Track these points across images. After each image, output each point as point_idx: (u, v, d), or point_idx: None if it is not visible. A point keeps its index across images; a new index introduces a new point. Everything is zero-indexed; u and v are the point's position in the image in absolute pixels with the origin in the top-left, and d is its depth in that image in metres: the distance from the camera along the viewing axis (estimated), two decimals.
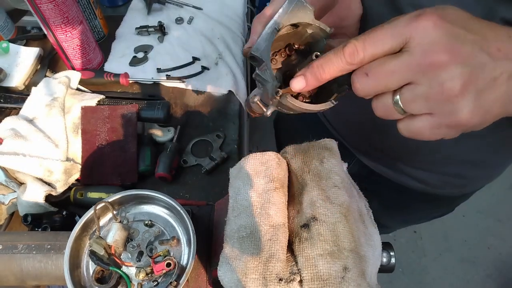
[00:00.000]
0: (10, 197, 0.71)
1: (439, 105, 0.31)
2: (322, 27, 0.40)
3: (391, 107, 0.34)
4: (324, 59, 0.36)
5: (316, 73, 0.37)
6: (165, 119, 0.78)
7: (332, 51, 0.35)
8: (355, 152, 0.82)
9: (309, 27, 0.41)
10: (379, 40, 0.32)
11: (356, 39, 0.33)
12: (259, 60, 0.40)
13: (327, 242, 0.41)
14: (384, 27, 0.32)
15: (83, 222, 0.50)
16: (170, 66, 0.95)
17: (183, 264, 0.49)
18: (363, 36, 0.33)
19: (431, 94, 0.31)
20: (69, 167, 0.72)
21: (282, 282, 0.39)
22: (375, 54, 0.33)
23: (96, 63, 0.94)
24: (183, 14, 1.08)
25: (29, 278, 0.51)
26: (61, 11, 0.78)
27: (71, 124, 0.76)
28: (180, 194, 0.76)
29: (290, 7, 0.38)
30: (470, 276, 1.85)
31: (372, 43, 0.32)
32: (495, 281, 1.84)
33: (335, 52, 0.35)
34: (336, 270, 0.39)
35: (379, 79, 0.33)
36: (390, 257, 0.48)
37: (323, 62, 0.36)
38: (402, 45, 0.32)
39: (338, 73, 0.36)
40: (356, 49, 0.33)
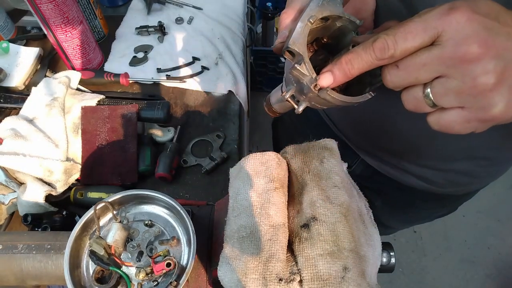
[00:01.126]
0: (10, 197, 0.71)
1: (472, 100, 0.31)
2: (352, 19, 0.40)
3: (421, 100, 0.34)
4: (353, 54, 0.35)
5: (344, 68, 0.36)
6: (165, 119, 0.78)
7: (361, 46, 0.35)
8: (359, 152, 0.81)
9: (338, 20, 0.41)
10: (410, 35, 0.31)
11: (386, 34, 0.32)
12: (296, 54, 0.39)
13: (327, 242, 0.41)
14: (415, 21, 0.31)
15: (83, 222, 0.50)
16: (170, 66, 0.95)
17: (183, 264, 0.49)
18: (393, 30, 0.32)
19: (463, 88, 0.31)
20: (69, 167, 0.72)
21: (282, 282, 0.39)
22: (407, 49, 0.32)
23: (96, 63, 0.94)
24: (183, 14, 1.08)
25: (29, 278, 0.51)
26: (61, 11, 0.78)
27: (71, 124, 0.76)
28: (180, 194, 0.76)
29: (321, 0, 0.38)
30: (470, 276, 1.85)
31: (403, 38, 0.32)
32: (495, 281, 1.84)
33: (364, 47, 0.34)
34: (336, 270, 0.39)
35: (410, 72, 0.33)
36: (390, 257, 0.48)
37: (352, 58, 0.35)
38: (434, 38, 0.31)
39: (367, 69, 0.35)
40: (387, 44, 0.32)
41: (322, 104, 0.42)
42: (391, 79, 0.34)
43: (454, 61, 0.30)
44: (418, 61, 0.32)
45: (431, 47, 0.31)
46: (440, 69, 0.31)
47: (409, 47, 0.32)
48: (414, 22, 0.31)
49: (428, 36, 0.31)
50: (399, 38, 0.32)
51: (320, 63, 0.45)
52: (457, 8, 0.30)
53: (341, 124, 0.82)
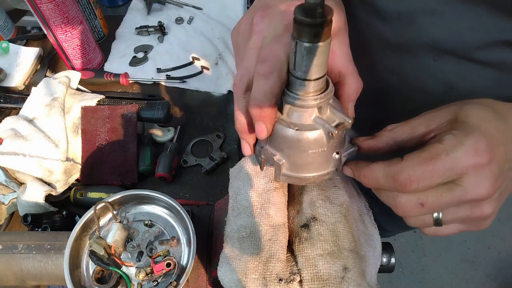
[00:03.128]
0: (10, 197, 0.71)
1: (473, 222, 0.36)
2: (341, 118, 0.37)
3: (430, 221, 0.36)
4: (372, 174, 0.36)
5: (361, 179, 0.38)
6: (165, 119, 0.78)
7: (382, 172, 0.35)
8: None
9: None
10: (436, 174, 0.32)
11: (412, 169, 0.33)
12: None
13: (327, 242, 0.41)
14: (443, 159, 0.32)
15: (83, 222, 0.50)
16: (170, 66, 0.95)
17: (183, 264, 0.49)
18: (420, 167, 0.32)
19: (470, 216, 0.34)
20: (69, 167, 0.72)
21: (282, 282, 0.39)
22: (429, 186, 0.33)
23: (96, 63, 0.94)
24: (183, 14, 1.08)
25: (29, 278, 0.51)
26: (61, 11, 0.78)
27: (71, 124, 0.76)
28: (180, 194, 0.76)
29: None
30: (470, 276, 1.85)
31: (429, 177, 0.32)
32: (494, 281, 1.84)
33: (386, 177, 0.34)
34: (336, 270, 0.39)
35: (432, 210, 0.34)
36: (390, 257, 0.48)
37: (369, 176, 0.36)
38: (455, 178, 0.33)
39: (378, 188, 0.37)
40: (410, 180, 0.33)
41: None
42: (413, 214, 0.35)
43: (472, 200, 0.33)
44: (442, 202, 0.33)
45: (453, 187, 0.33)
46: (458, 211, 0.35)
47: (433, 185, 0.33)
48: (442, 161, 0.32)
49: (452, 176, 0.32)
50: (426, 177, 0.32)
51: None
52: (481, 152, 0.32)
53: None
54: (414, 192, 0.34)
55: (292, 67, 0.32)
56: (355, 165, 0.38)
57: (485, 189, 0.32)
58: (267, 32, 0.35)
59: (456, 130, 0.33)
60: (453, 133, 0.33)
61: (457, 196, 0.33)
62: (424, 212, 0.34)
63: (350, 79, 0.39)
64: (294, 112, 0.35)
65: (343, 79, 0.39)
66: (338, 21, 0.38)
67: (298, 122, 0.35)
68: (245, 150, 0.41)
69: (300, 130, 0.35)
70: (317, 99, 0.33)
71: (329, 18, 0.27)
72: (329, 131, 0.34)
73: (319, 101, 0.33)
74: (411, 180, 0.32)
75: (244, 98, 0.37)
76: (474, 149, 0.32)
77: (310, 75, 0.31)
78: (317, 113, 0.35)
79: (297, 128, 0.35)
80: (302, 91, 0.33)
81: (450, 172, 0.32)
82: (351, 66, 0.39)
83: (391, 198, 0.36)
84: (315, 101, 0.33)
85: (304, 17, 0.27)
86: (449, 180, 0.33)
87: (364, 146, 0.39)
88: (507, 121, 0.35)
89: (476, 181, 0.32)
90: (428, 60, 0.50)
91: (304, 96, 0.33)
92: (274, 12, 0.36)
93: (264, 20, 0.36)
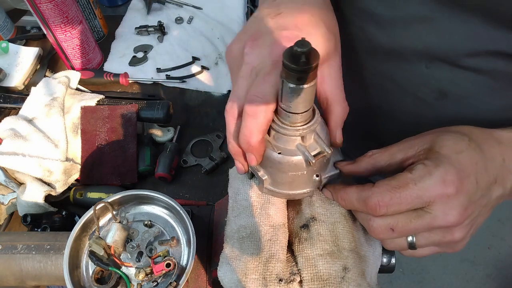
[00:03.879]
0: (9, 197, 0.70)
1: (446, 245, 0.38)
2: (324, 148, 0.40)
3: (404, 244, 0.38)
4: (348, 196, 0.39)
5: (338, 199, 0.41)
6: (165, 119, 0.78)
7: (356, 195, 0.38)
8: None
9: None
10: (405, 202, 0.34)
11: (381, 195, 0.35)
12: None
13: (327, 242, 0.41)
14: (411, 188, 0.34)
15: (83, 222, 0.50)
16: (170, 66, 0.95)
17: (182, 264, 0.49)
18: (389, 194, 0.35)
19: (443, 241, 0.37)
20: (68, 167, 0.72)
21: (282, 282, 0.39)
22: (398, 211, 0.36)
23: (95, 63, 0.94)
24: (183, 14, 1.08)
25: (28, 278, 0.51)
26: (60, 10, 0.78)
27: (71, 124, 0.76)
28: (180, 194, 0.76)
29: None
30: (470, 276, 1.85)
31: (397, 204, 0.35)
32: (495, 281, 1.84)
33: (359, 200, 0.37)
34: (336, 270, 0.39)
35: (402, 234, 0.37)
36: (390, 257, 0.48)
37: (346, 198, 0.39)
38: (424, 205, 0.35)
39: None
40: (379, 205, 0.35)
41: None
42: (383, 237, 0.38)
43: (441, 227, 0.36)
44: (412, 227, 0.36)
45: (423, 214, 0.35)
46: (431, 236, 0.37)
47: (402, 210, 0.35)
48: (410, 189, 0.34)
49: (420, 203, 0.35)
50: (394, 203, 0.35)
51: None
52: (449, 183, 0.34)
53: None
54: (384, 217, 0.36)
55: (280, 99, 0.34)
56: (333, 188, 0.42)
57: (453, 217, 0.34)
58: (256, 63, 0.38)
59: (428, 160, 0.35)
60: (424, 163, 0.35)
61: (427, 222, 0.35)
62: (395, 236, 0.37)
63: (336, 107, 0.41)
64: (279, 137, 0.38)
65: (330, 106, 0.41)
66: (328, 47, 0.39)
67: (282, 146, 0.38)
68: (239, 169, 0.43)
69: (283, 154, 0.38)
70: (300, 129, 0.36)
71: (314, 65, 0.29)
72: (307, 159, 0.37)
73: (302, 131, 0.36)
74: (380, 205, 0.35)
75: (235, 124, 0.39)
76: (442, 180, 0.34)
77: (295, 109, 0.34)
78: (300, 140, 0.38)
79: (279, 152, 0.38)
80: (288, 121, 0.36)
81: (418, 200, 0.34)
82: (339, 93, 0.41)
83: (365, 221, 0.39)
84: (298, 131, 0.36)
85: (290, 63, 0.29)
86: (418, 207, 0.35)
87: (345, 170, 0.42)
88: (483, 150, 0.37)
89: (444, 210, 0.34)
90: (421, 67, 0.50)
91: (289, 126, 0.36)
92: (263, 43, 0.38)
93: (254, 52, 0.38)
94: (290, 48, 0.29)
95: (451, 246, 0.38)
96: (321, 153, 0.38)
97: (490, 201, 0.38)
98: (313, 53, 0.29)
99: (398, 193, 0.34)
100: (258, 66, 0.37)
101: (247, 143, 0.37)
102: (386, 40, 0.51)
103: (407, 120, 0.59)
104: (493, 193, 0.38)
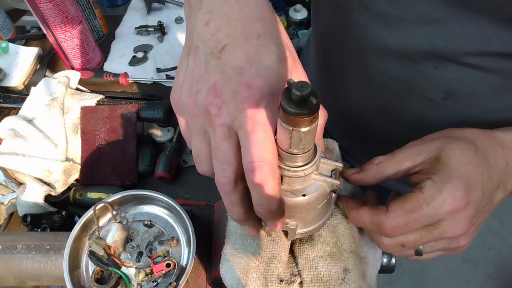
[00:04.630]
0: (9, 197, 0.70)
1: (452, 250, 0.40)
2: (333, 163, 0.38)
3: (411, 253, 0.40)
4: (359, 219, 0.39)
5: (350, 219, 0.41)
6: (165, 119, 0.78)
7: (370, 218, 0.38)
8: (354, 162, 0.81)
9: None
10: (418, 223, 0.35)
11: (396, 220, 0.35)
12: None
13: (327, 243, 0.41)
14: (424, 209, 0.35)
15: (83, 222, 0.50)
16: (169, 66, 0.95)
17: (182, 264, 0.49)
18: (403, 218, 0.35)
19: (448, 248, 0.39)
20: (68, 167, 0.72)
21: (283, 283, 0.39)
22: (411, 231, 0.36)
23: (95, 62, 0.94)
24: (183, 14, 1.08)
25: (28, 279, 0.51)
26: (60, 10, 0.78)
27: (71, 124, 0.76)
28: (180, 194, 0.76)
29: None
30: (470, 276, 1.85)
31: (412, 226, 0.35)
32: (495, 281, 1.84)
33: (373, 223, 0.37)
34: (336, 271, 0.39)
35: (411, 248, 0.38)
36: (390, 257, 0.48)
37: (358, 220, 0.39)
38: (435, 222, 0.36)
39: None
40: (395, 230, 0.36)
41: None
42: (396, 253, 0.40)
43: (449, 239, 0.37)
44: (422, 242, 0.37)
45: (432, 229, 0.36)
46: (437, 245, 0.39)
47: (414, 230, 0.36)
48: (423, 211, 0.35)
49: (432, 222, 0.35)
50: (409, 226, 0.35)
51: None
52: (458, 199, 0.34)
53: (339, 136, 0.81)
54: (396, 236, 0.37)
55: (288, 147, 0.31)
56: (346, 204, 0.41)
57: (461, 229, 0.36)
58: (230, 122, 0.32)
59: (436, 175, 0.35)
60: (433, 179, 0.35)
61: (435, 236, 0.36)
62: (404, 250, 0.38)
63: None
64: (294, 181, 0.35)
65: None
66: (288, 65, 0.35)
67: (301, 187, 0.36)
68: (251, 233, 0.39)
69: (307, 194, 0.36)
70: (316, 163, 0.34)
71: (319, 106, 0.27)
72: (332, 184, 0.36)
73: (317, 163, 0.34)
74: (395, 230, 0.35)
75: (235, 191, 0.34)
76: (452, 196, 0.34)
77: (306, 149, 0.32)
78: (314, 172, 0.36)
79: (303, 194, 0.36)
80: (300, 162, 0.33)
81: (431, 219, 0.35)
82: None
83: (376, 237, 0.39)
84: (315, 165, 0.34)
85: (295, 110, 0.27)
86: (428, 224, 0.36)
87: (353, 179, 0.41)
88: (488, 157, 0.37)
89: (453, 224, 0.35)
90: (429, 67, 0.50)
91: (304, 165, 0.33)
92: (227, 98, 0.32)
93: (222, 111, 0.32)
94: (288, 93, 0.27)
95: (455, 251, 0.40)
96: (335, 170, 0.37)
97: (493, 205, 0.39)
98: (314, 93, 0.27)
99: (413, 217, 0.35)
100: (235, 126, 0.32)
101: (268, 212, 0.33)
102: (394, 41, 0.51)
103: (414, 120, 0.59)
104: (496, 197, 0.39)
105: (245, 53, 0.33)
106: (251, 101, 0.31)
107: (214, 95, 0.33)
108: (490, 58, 0.45)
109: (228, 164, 0.33)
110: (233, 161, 0.33)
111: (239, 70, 0.32)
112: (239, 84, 0.32)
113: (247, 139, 0.31)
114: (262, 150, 0.31)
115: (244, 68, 0.32)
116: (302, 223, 0.39)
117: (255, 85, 0.32)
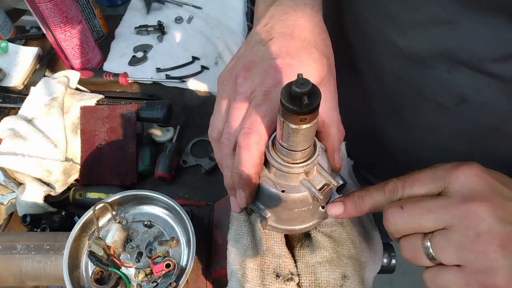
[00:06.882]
0: (9, 197, 0.70)
1: (473, 258, 0.30)
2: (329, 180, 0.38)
3: (420, 249, 0.33)
4: (365, 192, 0.37)
5: (356, 202, 0.38)
6: (165, 119, 0.78)
7: (374, 187, 0.37)
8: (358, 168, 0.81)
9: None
10: (418, 182, 0.34)
11: (397, 179, 0.35)
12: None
13: (326, 249, 0.41)
14: (425, 171, 0.34)
15: (82, 222, 0.50)
16: (169, 66, 0.95)
17: (182, 265, 0.49)
18: (404, 176, 0.35)
19: (465, 243, 0.30)
20: (68, 167, 0.72)
21: (279, 278, 0.39)
22: (414, 194, 0.34)
23: (95, 62, 0.94)
24: (182, 14, 1.08)
25: (28, 279, 0.51)
26: (60, 10, 0.78)
27: (70, 124, 0.76)
28: (180, 195, 0.76)
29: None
30: None
31: (411, 184, 0.34)
32: None
33: (376, 188, 0.37)
34: (335, 278, 0.39)
35: (414, 215, 0.32)
36: (391, 258, 0.48)
37: (364, 194, 0.37)
38: (441, 189, 0.33)
39: (376, 208, 0.37)
40: (396, 187, 0.35)
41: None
42: (394, 220, 0.33)
43: (460, 213, 0.30)
44: (424, 205, 0.32)
45: (438, 196, 0.33)
46: (445, 219, 0.31)
47: (416, 193, 0.34)
48: (424, 172, 0.34)
49: (435, 186, 0.33)
50: (408, 183, 0.34)
51: None
52: (466, 164, 0.32)
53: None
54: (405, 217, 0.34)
55: (280, 138, 0.32)
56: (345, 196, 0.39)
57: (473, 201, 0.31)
58: (249, 93, 0.37)
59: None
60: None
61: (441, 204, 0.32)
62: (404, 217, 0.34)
63: (333, 129, 0.40)
64: (281, 174, 0.36)
65: (327, 129, 0.40)
66: (321, 71, 0.38)
67: (284, 183, 0.36)
68: (234, 207, 0.41)
69: (287, 192, 0.36)
70: (303, 166, 0.34)
71: (316, 106, 0.27)
72: (314, 196, 0.35)
73: (305, 168, 0.34)
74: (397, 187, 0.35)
75: (232, 156, 0.38)
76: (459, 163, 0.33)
77: (297, 148, 0.32)
78: (304, 175, 0.36)
79: (283, 190, 0.36)
80: (289, 158, 0.34)
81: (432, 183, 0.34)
82: (335, 116, 0.40)
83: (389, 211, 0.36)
84: (301, 168, 0.34)
85: (290, 104, 0.27)
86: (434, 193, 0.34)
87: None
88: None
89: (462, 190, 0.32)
90: (442, 72, 0.49)
91: (292, 163, 0.34)
92: (255, 73, 0.38)
93: (247, 82, 0.38)
94: (288, 88, 0.27)
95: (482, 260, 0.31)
96: (326, 185, 0.37)
97: None
98: (314, 92, 0.27)
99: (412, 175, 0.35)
100: (251, 96, 0.37)
101: (238, 176, 0.36)
102: (406, 44, 0.49)
103: (425, 127, 0.58)
104: None
105: (287, 46, 0.38)
106: (274, 81, 0.36)
107: (246, 69, 0.38)
108: (505, 64, 0.43)
109: (233, 129, 0.38)
110: (238, 128, 0.37)
111: (275, 55, 0.37)
112: (270, 66, 0.37)
113: (253, 109, 0.36)
114: (259, 121, 0.35)
115: (281, 55, 0.37)
116: (276, 217, 0.39)
117: (284, 71, 0.36)
